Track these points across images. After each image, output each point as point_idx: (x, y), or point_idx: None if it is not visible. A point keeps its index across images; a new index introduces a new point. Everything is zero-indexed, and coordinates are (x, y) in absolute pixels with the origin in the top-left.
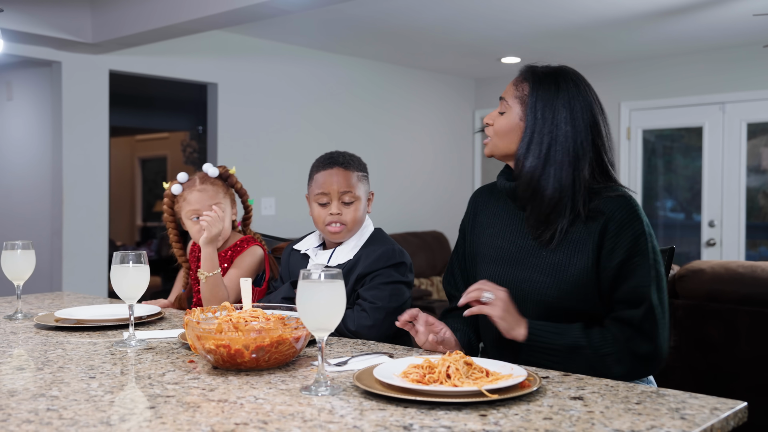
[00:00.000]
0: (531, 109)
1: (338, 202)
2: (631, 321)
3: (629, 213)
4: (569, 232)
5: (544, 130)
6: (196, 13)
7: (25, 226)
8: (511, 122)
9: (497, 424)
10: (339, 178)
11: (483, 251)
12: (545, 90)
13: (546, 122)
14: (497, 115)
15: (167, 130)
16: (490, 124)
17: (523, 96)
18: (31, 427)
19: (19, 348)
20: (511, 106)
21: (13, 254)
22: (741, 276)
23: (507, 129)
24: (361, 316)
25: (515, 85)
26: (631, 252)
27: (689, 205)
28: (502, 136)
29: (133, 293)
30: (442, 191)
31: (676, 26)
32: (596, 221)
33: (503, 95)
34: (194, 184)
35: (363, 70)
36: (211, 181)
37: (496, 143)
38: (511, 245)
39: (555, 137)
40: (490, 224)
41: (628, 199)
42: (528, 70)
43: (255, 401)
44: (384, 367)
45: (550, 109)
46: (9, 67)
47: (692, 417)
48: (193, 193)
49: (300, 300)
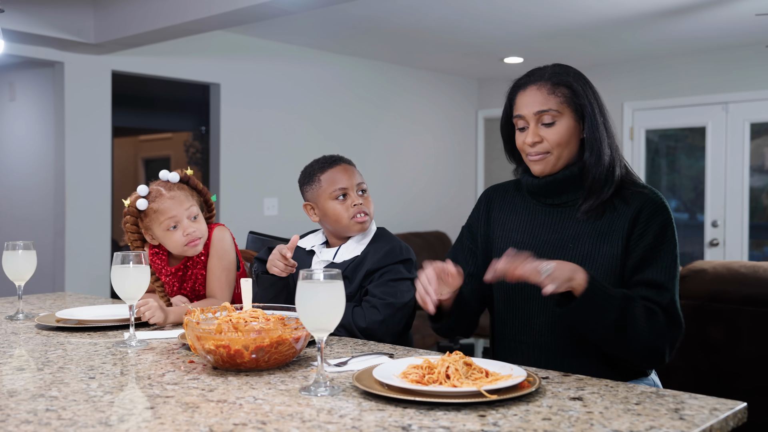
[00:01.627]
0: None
1: (356, 194)
2: (659, 302)
3: (659, 204)
4: (599, 221)
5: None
6: (199, 14)
7: (27, 226)
8: (568, 127)
9: (496, 424)
10: (350, 173)
11: (499, 245)
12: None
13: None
14: (543, 129)
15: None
16: (539, 141)
17: (567, 98)
18: (30, 427)
19: (20, 348)
20: (562, 112)
21: (14, 254)
22: (743, 276)
23: (568, 135)
24: (372, 312)
25: (552, 93)
26: (659, 239)
27: (693, 205)
28: (565, 145)
29: (134, 293)
30: (445, 191)
31: (679, 26)
32: (626, 212)
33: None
34: (161, 194)
35: (365, 71)
36: (177, 186)
37: (559, 155)
38: (533, 239)
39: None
40: (508, 220)
41: (656, 192)
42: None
43: (254, 402)
44: (383, 367)
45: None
46: (12, 67)
47: (691, 417)
48: (165, 202)
49: (299, 300)
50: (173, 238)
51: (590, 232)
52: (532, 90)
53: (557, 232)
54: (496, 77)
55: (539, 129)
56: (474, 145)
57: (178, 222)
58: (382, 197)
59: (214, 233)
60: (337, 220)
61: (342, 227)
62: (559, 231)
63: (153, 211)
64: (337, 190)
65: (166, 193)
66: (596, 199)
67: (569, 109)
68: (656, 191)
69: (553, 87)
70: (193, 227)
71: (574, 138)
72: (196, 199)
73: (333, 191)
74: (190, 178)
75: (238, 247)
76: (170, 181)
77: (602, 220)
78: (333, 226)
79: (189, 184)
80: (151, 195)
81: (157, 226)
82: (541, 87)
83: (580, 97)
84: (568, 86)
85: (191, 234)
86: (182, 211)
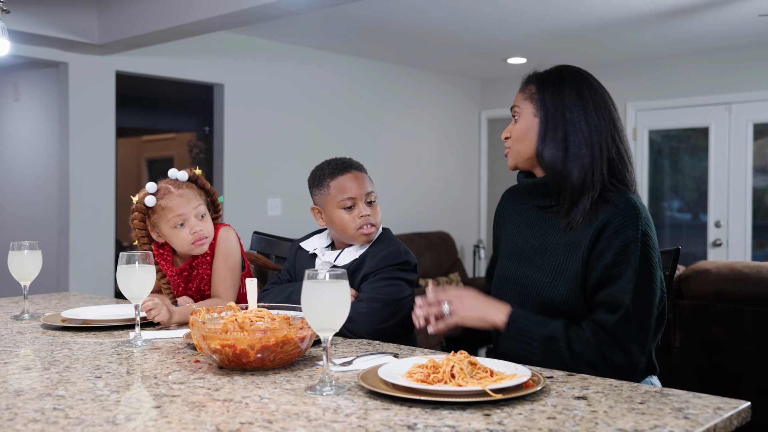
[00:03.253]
0: (540, 100)
1: (364, 204)
2: (605, 325)
3: (626, 219)
4: (571, 234)
5: (557, 116)
6: (203, 14)
7: (32, 226)
8: (526, 122)
9: (501, 423)
10: (360, 181)
11: (503, 247)
12: (550, 81)
13: (557, 108)
14: (512, 125)
15: (174, 131)
16: (508, 136)
17: (531, 95)
18: (38, 426)
19: (26, 348)
20: (523, 108)
21: (20, 254)
22: (746, 276)
23: (524, 130)
24: (358, 305)
25: (522, 91)
26: (619, 258)
27: (696, 206)
28: (522, 139)
29: (140, 293)
30: (449, 192)
31: (682, 27)
32: (593, 225)
33: (514, 105)
34: (169, 191)
35: (369, 71)
36: (186, 185)
37: (517, 149)
38: (524, 242)
39: (568, 120)
40: (511, 221)
41: (631, 207)
42: (531, 74)
43: (260, 401)
44: (389, 366)
45: (559, 95)
46: (16, 68)
47: (695, 417)
48: (174, 200)
49: (305, 300)
50: (180, 236)
51: (565, 242)
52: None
53: (542, 237)
54: (499, 78)
55: (512, 124)
56: (477, 145)
57: (186, 220)
58: (385, 198)
59: (220, 233)
60: (344, 229)
61: (347, 237)
62: (544, 236)
63: (161, 208)
64: (345, 199)
65: (174, 190)
66: (577, 212)
67: (531, 105)
68: (633, 201)
69: (525, 85)
70: (200, 226)
71: (532, 134)
72: (203, 198)
73: (341, 200)
74: (198, 178)
75: (243, 248)
76: (179, 179)
77: (578, 231)
78: (339, 234)
79: (197, 183)
80: (160, 192)
81: (164, 223)
82: (521, 86)
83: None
84: (534, 83)
85: (198, 232)
86: (190, 210)
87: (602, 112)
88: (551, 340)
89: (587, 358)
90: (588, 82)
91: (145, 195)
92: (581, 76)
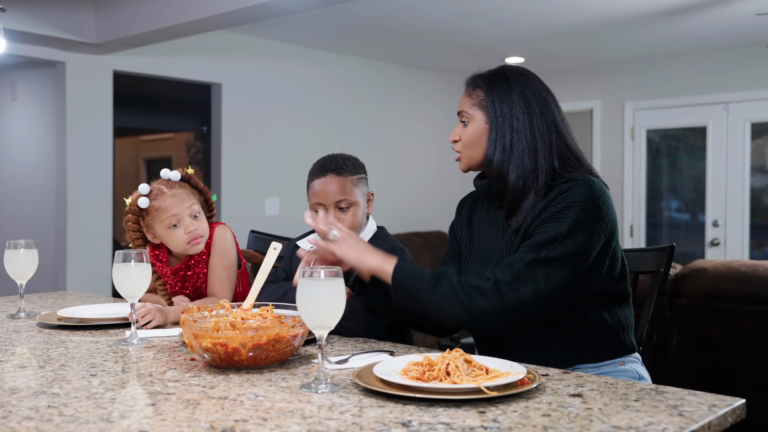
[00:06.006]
0: (491, 108)
1: (334, 210)
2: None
3: (573, 187)
4: None
5: (505, 124)
6: (200, 14)
7: (29, 225)
8: (477, 129)
9: (496, 420)
10: (333, 187)
11: (471, 251)
12: (498, 88)
13: (505, 116)
14: (461, 129)
15: (171, 131)
16: (458, 140)
17: (480, 101)
18: (32, 423)
19: (22, 346)
20: (472, 114)
21: (16, 253)
22: (743, 275)
23: (475, 137)
24: (353, 303)
25: (468, 96)
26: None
27: (694, 206)
28: (473, 146)
29: (135, 292)
30: (446, 191)
31: (680, 26)
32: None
33: (460, 109)
34: (162, 192)
35: (367, 71)
36: (179, 184)
37: (468, 155)
38: (493, 243)
39: (515, 128)
40: (477, 226)
41: (584, 180)
42: (476, 78)
43: (255, 398)
44: (384, 364)
45: (507, 103)
46: (13, 67)
47: (690, 414)
48: (167, 200)
49: (300, 298)
50: (175, 236)
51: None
52: (464, 91)
53: (495, 240)
54: None
55: (460, 129)
56: None
57: (180, 220)
58: (383, 197)
59: (216, 232)
60: None
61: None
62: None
63: (155, 209)
64: (315, 204)
65: (167, 191)
66: (519, 214)
67: (481, 112)
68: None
69: (472, 89)
70: (195, 225)
71: (484, 140)
72: (197, 197)
73: (313, 203)
74: (191, 177)
75: (239, 246)
76: (171, 179)
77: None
78: None
79: (190, 182)
80: (153, 193)
81: (158, 224)
82: (467, 89)
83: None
84: (482, 88)
85: (193, 232)
86: (184, 209)
87: (546, 117)
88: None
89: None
90: (532, 86)
91: (138, 197)
92: (526, 80)
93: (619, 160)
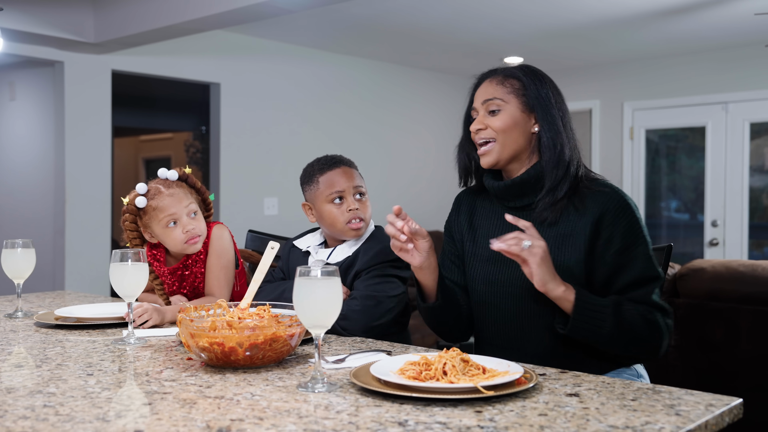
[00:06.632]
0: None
1: (353, 198)
2: (645, 299)
3: (621, 203)
4: (558, 224)
5: (548, 107)
6: (199, 13)
7: (27, 225)
8: (513, 114)
9: (492, 420)
10: (349, 176)
11: (476, 251)
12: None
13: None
14: (488, 118)
15: (170, 131)
16: (483, 128)
17: (515, 89)
18: (27, 423)
19: (19, 346)
20: (507, 101)
21: (14, 253)
22: (742, 275)
23: (512, 123)
24: (351, 302)
25: (501, 84)
26: (628, 241)
27: (693, 206)
28: (509, 132)
29: (133, 291)
30: (445, 191)
31: (678, 26)
32: (586, 214)
33: (489, 97)
34: (159, 191)
35: (365, 70)
36: (176, 184)
37: (503, 142)
38: None
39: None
40: (481, 225)
41: (617, 191)
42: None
43: (251, 398)
44: (381, 364)
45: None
46: (12, 67)
47: (687, 413)
48: (164, 200)
49: (297, 297)
50: (173, 236)
51: (551, 236)
52: (485, 84)
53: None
54: None
55: (485, 118)
56: None
57: (178, 219)
58: (381, 197)
59: (213, 231)
60: (333, 223)
61: (337, 231)
62: None
63: (152, 209)
64: (333, 193)
65: (165, 190)
66: (551, 197)
67: (517, 100)
68: (618, 189)
69: (503, 78)
70: (193, 224)
71: (518, 128)
72: (194, 197)
73: (329, 194)
74: (188, 177)
75: (236, 246)
76: (169, 178)
77: (562, 223)
78: (329, 230)
79: (187, 182)
80: (150, 193)
81: (156, 223)
82: (493, 79)
83: (529, 89)
84: (519, 79)
85: (191, 231)
86: (181, 209)
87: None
88: (618, 304)
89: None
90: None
91: (136, 196)
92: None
93: (618, 160)
